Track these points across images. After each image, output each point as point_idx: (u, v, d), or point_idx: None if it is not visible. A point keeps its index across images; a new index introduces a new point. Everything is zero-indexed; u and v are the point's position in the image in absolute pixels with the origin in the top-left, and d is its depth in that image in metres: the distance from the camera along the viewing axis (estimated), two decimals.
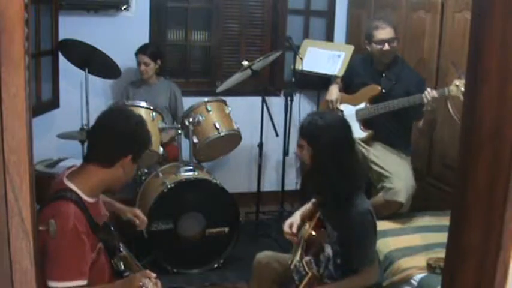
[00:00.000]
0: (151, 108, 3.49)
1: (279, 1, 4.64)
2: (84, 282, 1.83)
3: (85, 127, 3.52)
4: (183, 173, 3.49)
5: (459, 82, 2.85)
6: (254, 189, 4.24)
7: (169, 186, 3.34)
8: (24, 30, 1.09)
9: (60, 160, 3.63)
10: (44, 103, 3.85)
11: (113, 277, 2.04)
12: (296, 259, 2.38)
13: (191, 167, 3.55)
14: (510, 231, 1.01)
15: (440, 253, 2.59)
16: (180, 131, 3.60)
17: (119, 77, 3.98)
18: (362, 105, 3.43)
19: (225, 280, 3.42)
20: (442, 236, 1.44)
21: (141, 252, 3.06)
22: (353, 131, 2.35)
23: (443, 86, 3.07)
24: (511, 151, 0.99)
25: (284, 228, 2.50)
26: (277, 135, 3.95)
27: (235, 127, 3.73)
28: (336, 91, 3.60)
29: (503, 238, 1.01)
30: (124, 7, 4.13)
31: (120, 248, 2.13)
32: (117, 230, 2.16)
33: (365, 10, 4.48)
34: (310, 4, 4.80)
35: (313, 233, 2.37)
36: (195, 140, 3.59)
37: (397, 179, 3.17)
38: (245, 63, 3.75)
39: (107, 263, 2.03)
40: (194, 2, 4.53)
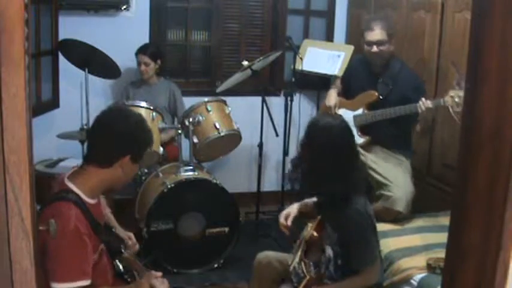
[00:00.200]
0: (151, 108, 3.49)
1: (279, 1, 4.64)
2: (87, 282, 1.82)
3: (85, 127, 3.52)
4: (183, 173, 3.49)
5: (454, 93, 2.86)
6: (254, 189, 4.24)
7: (169, 186, 3.35)
8: (24, 30, 1.09)
9: (60, 160, 3.63)
10: (44, 103, 3.85)
11: (115, 278, 2.04)
12: (295, 261, 2.38)
13: (191, 167, 3.55)
14: (510, 231, 1.01)
15: (440, 253, 2.59)
16: (180, 131, 3.61)
17: (119, 77, 3.98)
18: (360, 111, 3.42)
19: (225, 280, 3.42)
20: (442, 236, 1.44)
21: (141, 252, 3.06)
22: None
23: (443, 87, 3.08)
24: (511, 151, 0.99)
25: (280, 218, 2.50)
26: (277, 135, 3.95)
27: (235, 127, 3.73)
28: (335, 96, 3.59)
29: (503, 238, 1.01)
30: (124, 7, 4.13)
31: (122, 249, 2.13)
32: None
33: (365, 10, 4.48)
34: (310, 4, 4.80)
35: (315, 234, 2.36)
36: (195, 140, 3.59)
37: (396, 187, 3.16)
38: (245, 63, 3.75)
39: (109, 265, 2.03)
40: (194, 2, 4.53)
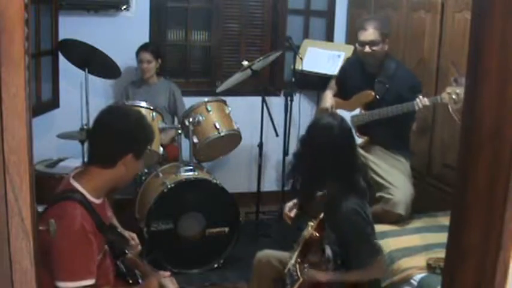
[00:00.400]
0: (151, 108, 3.49)
1: (279, 1, 4.64)
2: (92, 281, 1.82)
3: (85, 127, 3.52)
4: (183, 173, 3.49)
5: (451, 90, 2.84)
6: (254, 189, 4.24)
7: (169, 186, 3.35)
8: (24, 30, 1.09)
9: (60, 160, 3.63)
10: (44, 103, 3.85)
11: (117, 279, 2.04)
12: (291, 263, 2.37)
13: (191, 167, 3.55)
14: (510, 231, 1.01)
15: (440, 253, 2.59)
16: (180, 131, 3.61)
17: (119, 77, 3.98)
18: (357, 111, 3.41)
19: (225, 280, 3.42)
20: (442, 236, 1.44)
21: (143, 252, 3.06)
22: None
23: (443, 87, 3.07)
24: (511, 151, 0.99)
25: (285, 209, 2.58)
26: (277, 135, 3.95)
27: (235, 127, 3.73)
28: (330, 97, 3.58)
29: (503, 238, 1.01)
30: (124, 7, 4.13)
31: (126, 250, 2.13)
32: None
33: (365, 10, 4.48)
34: (310, 4, 4.80)
35: (316, 234, 2.36)
36: (195, 140, 3.59)
37: (396, 190, 3.15)
38: (245, 63, 3.75)
39: (112, 265, 2.03)
40: (194, 2, 4.53)
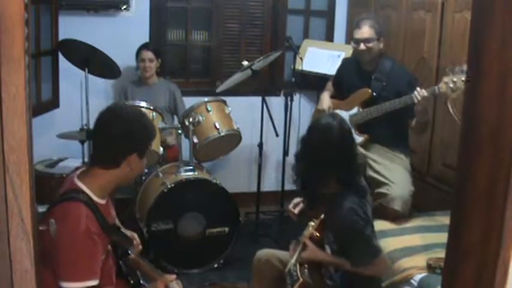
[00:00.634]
0: (151, 108, 3.49)
1: (279, 1, 4.64)
2: (96, 282, 1.82)
3: (85, 127, 3.52)
4: (183, 173, 3.49)
5: (448, 79, 2.80)
6: (254, 189, 4.24)
7: (169, 186, 3.34)
8: (24, 30, 1.09)
9: (60, 160, 3.63)
10: (44, 103, 3.84)
11: (118, 279, 2.04)
12: (291, 263, 2.38)
13: (191, 167, 3.55)
14: (510, 230, 1.01)
15: (440, 253, 2.59)
16: (180, 131, 3.61)
17: (119, 77, 3.98)
18: (355, 110, 3.41)
19: (225, 280, 3.41)
20: (442, 236, 1.44)
21: (143, 252, 3.06)
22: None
23: None
24: (511, 151, 0.99)
25: (290, 205, 2.61)
26: (277, 135, 3.95)
27: (235, 127, 3.73)
28: (327, 99, 3.58)
29: (503, 238, 1.01)
30: (124, 7, 4.13)
31: (129, 251, 2.12)
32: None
33: (365, 10, 4.47)
34: (310, 4, 4.80)
35: (316, 234, 2.35)
36: (195, 140, 3.59)
37: (394, 186, 3.15)
38: (245, 63, 3.74)
39: (114, 266, 2.03)
40: (194, 2, 4.53)
